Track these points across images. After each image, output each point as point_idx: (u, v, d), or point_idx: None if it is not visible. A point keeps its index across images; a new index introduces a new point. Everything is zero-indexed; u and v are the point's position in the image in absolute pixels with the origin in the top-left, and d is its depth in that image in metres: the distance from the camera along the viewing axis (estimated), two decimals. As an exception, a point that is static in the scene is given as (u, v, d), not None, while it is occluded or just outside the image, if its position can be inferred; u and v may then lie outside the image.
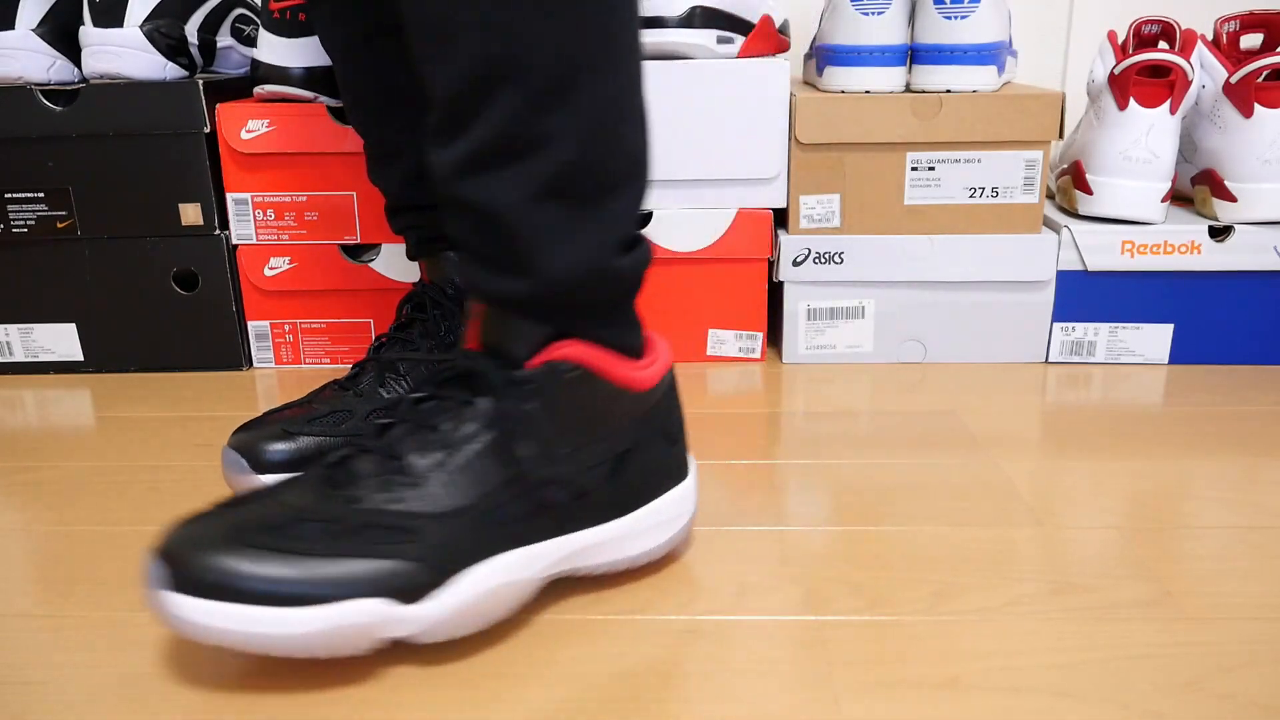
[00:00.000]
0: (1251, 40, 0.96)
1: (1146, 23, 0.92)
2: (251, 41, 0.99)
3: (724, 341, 0.93)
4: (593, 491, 0.51)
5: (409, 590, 0.47)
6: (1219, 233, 0.87)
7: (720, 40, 0.85)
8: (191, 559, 0.45)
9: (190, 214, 0.88)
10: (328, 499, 0.48)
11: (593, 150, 0.47)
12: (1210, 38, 1.08)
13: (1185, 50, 0.86)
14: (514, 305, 0.49)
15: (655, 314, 0.92)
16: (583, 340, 0.50)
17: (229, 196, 0.89)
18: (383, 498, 0.48)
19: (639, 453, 0.53)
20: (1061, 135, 0.85)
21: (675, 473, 0.55)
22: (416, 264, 0.89)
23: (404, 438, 0.50)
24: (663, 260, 0.90)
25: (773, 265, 0.91)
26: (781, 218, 0.91)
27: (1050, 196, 1.02)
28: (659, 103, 0.85)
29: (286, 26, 0.84)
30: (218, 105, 0.86)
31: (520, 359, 0.49)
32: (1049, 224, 0.91)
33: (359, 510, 0.47)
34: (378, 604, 0.46)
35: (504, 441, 0.49)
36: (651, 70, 0.84)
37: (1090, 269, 0.88)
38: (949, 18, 0.83)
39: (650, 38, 0.84)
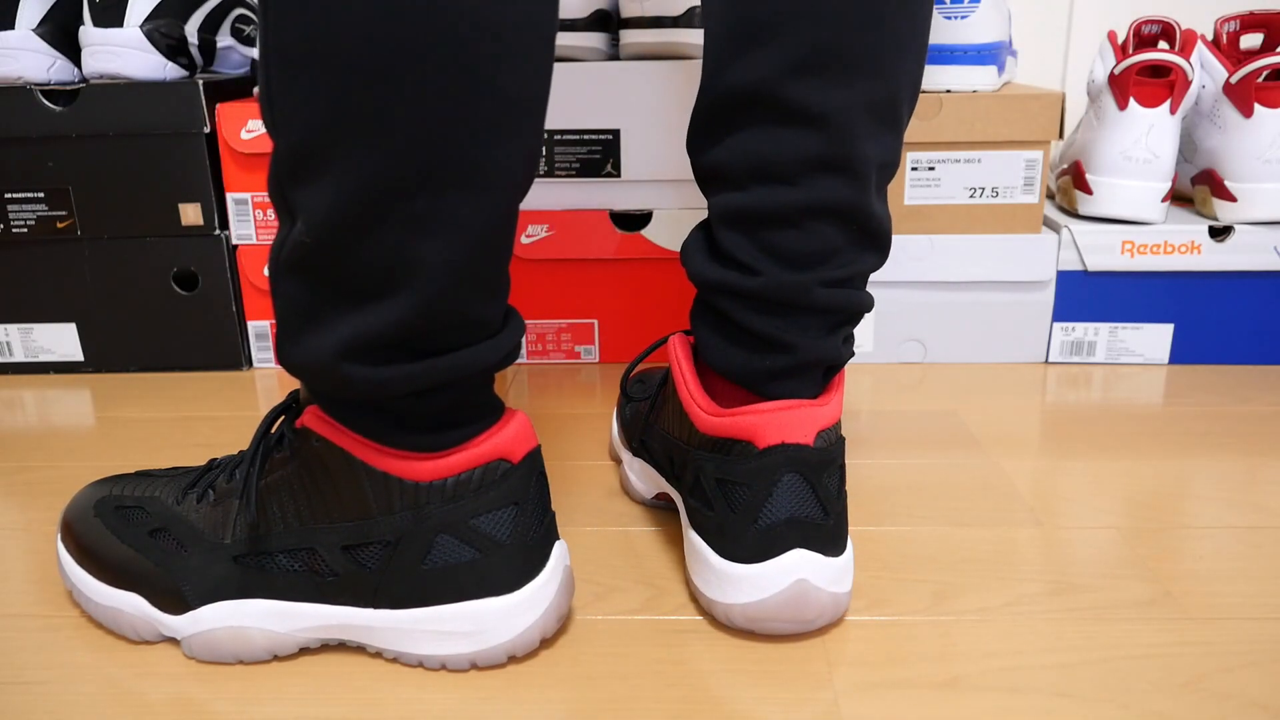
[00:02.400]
0: (1251, 40, 0.96)
1: (1146, 23, 0.92)
2: (251, 41, 0.99)
3: (724, 341, 0.93)
4: (343, 573, 0.48)
5: (168, 600, 0.50)
6: (1219, 233, 0.87)
7: (720, 40, 0.85)
8: (70, 512, 0.55)
9: (190, 214, 0.88)
10: (168, 499, 0.53)
11: (331, 238, 0.43)
12: (1210, 38, 1.08)
13: (1185, 50, 0.86)
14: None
15: (656, 314, 0.92)
16: (348, 429, 0.47)
17: (229, 196, 0.89)
18: (186, 510, 0.51)
19: (417, 548, 0.47)
20: (1061, 135, 0.85)
21: (488, 585, 0.48)
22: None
23: (228, 464, 0.52)
24: (663, 260, 0.90)
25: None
26: (781, 218, 0.91)
27: (1050, 196, 1.02)
28: (660, 102, 0.85)
29: (286, 26, 0.84)
30: (218, 105, 0.86)
31: (294, 417, 0.50)
32: (1049, 224, 0.91)
33: (170, 513, 0.52)
34: (143, 604, 0.51)
35: (260, 493, 0.49)
36: (652, 70, 0.84)
37: (1090, 269, 0.88)
38: (949, 18, 0.83)
39: (650, 37, 0.84)
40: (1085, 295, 0.89)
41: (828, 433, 0.50)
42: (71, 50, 0.88)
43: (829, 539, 0.50)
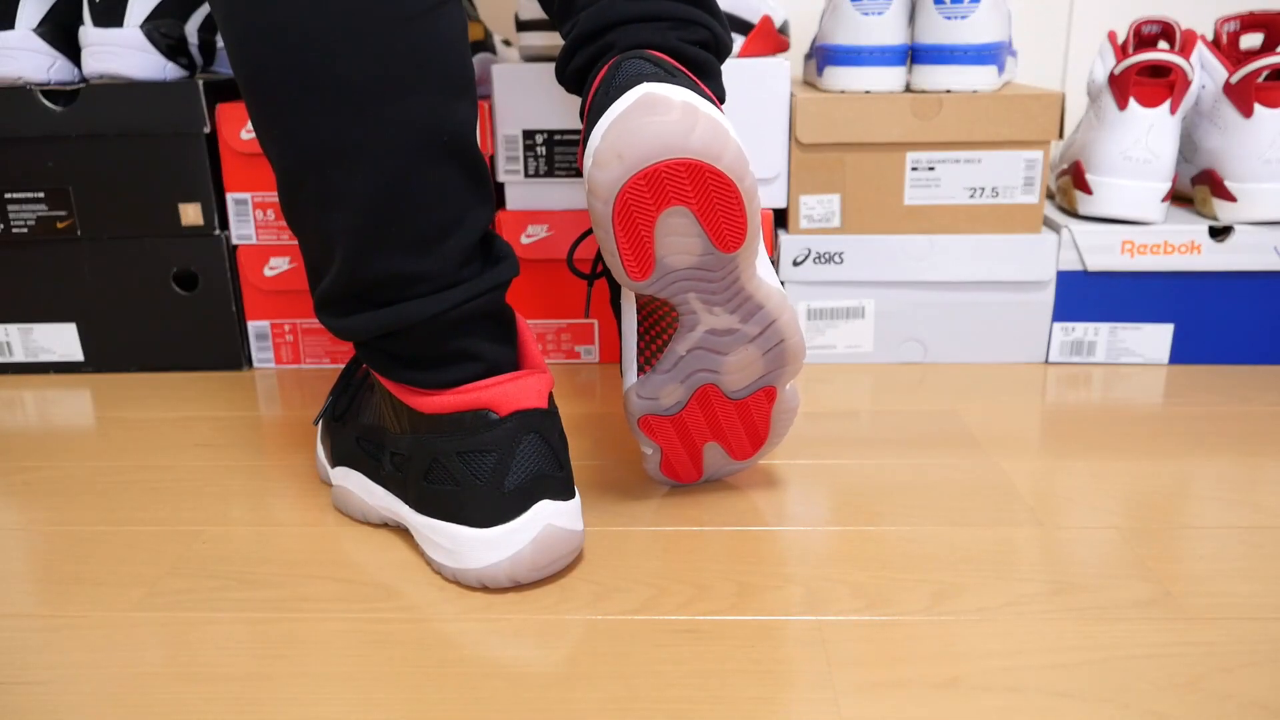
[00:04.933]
0: (1251, 40, 0.96)
1: (1146, 23, 0.93)
2: (251, 41, 0.99)
3: (724, 341, 0.93)
4: (388, 471, 0.59)
5: (331, 455, 0.65)
6: (1219, 233, 0.87)
7: (720, 40, 0.85)
8: None
9: (190, 214, 0.88)
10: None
11: (287, 218, 0.56)
12: (1210, 38, 1.08)
13: (1185, 50, 0.86)
14: None
15: (655, 314, 0.92)
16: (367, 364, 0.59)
17: (229, 196, 0.89)
18: (362, 395, 0.64)
19: (419, 465, 0.56)
20: (1061, 135, 0.85)
21: (464, 515, 0.54)
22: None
23: None
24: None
25: (773, 265, 0.91)
26: (781, 218, 0.91)
27: (1050, 196, 1.02)
28: (659, 103, 0.84)
29: (286, 26, 0.84)
30: (218, 105, 0.86)
31: None
32: (1049, 224, 0.91)
33: (356, 397, 0.65)
34: (322, 455, 0.68)
35: (366, 393, 0.63)
36: (651, 70, 0.84)
37: (1090, 269, 0.88)
38: (949, 18, 0.83)
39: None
40: (1085, 295, 0.89)
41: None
42: (71, 50, 0.88)
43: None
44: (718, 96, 0.60)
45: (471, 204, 0.55)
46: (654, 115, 0.51)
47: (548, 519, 0.54)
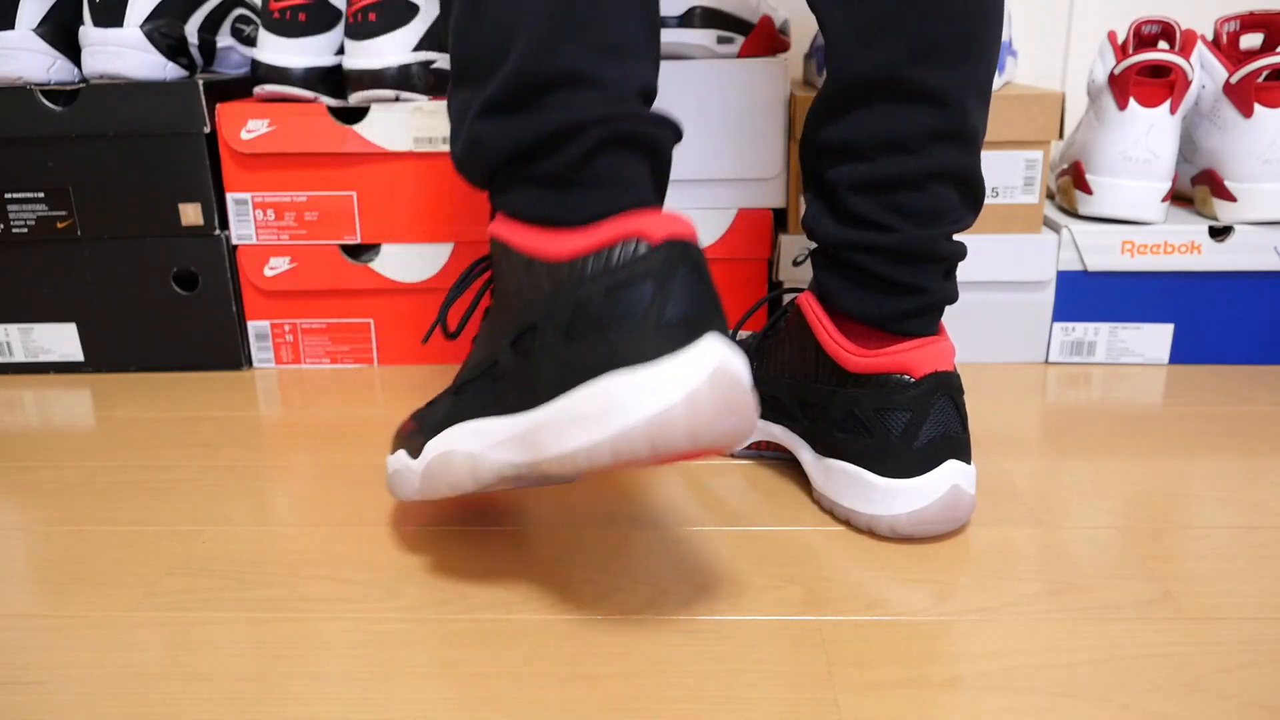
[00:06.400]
0: (1251, 40, 0.96)
1: (1146, 23, 0.92)
2: (251, 41, 0.99)
3: (724, 341, 0.92)
4: (511, 370, 0.50)
5: (411, 449, 0.56)
6: (1219, 233, 0.87)
7: (720, 40, 0.85)
8: None
9: (190, 214, 0.88)
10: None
11: (451, 36, 0.53)
12: (1210, 38, 1.08)
13: (1185, 50, 0.86)
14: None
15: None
16: (504, 213, 0.52)
17: (229, 196, 0.89)
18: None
19: (542, 335, 0.48)
20: (1061, 135, 0.85)
21: (618, 359, 0.45)
22: (420, 262, 0.89)
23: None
24: (663, 260, 0.90)
25: (772, 265, 0.91)
26: (781, 218, 0.91)
27: (1050, 196, 1.02)
28: (661, 103, 0.85)
29: (286, 26, 0.84)
30: (218, 105, 0.86)
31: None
32: (1049, 224, 0.91)
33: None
34: (399, 459, 0.57)
35: (486, 317, 0.55)
36: (651, 70, 0.84)
37: (1090, 269, 0.88)
38: (949, 18, 0.83)
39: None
40: (1085, 295, 0.89)
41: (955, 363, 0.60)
42: (71, 50, 0.88)
43: (968, 449, 0.60)
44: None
45: (648, 45, 0.52)
46: (954, 513, 0.59)
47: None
